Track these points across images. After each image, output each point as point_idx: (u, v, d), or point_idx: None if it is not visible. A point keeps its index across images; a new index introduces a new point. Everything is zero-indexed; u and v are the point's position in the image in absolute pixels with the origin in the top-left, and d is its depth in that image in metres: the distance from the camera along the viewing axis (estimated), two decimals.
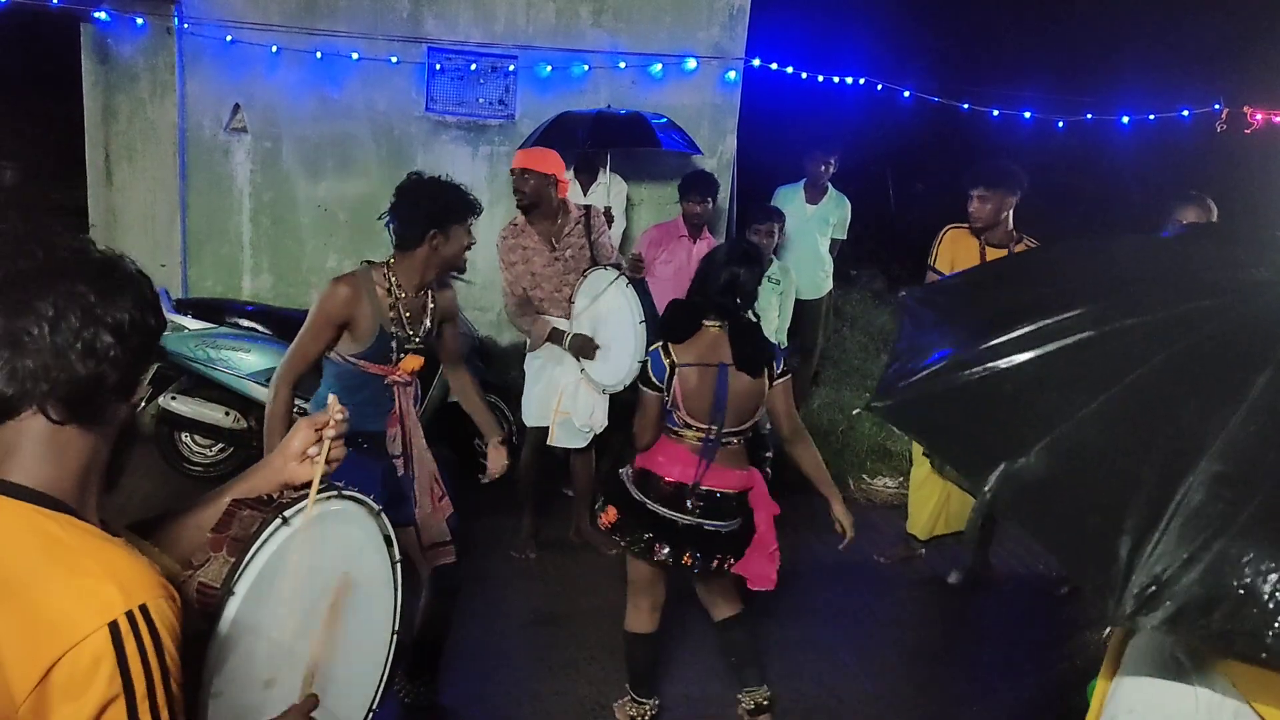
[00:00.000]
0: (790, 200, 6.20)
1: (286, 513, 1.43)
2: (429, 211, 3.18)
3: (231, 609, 1.34)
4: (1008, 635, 4.67)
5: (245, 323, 5.27)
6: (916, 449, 5.06)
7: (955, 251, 4.77)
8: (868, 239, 10.02)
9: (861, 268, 9.83)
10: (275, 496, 1.49)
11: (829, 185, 6.32)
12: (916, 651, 4.42)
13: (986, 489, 1.38)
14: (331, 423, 1.54)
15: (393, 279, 3.21)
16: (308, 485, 1.49)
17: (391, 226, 3.22)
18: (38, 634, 1.14)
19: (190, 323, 5.28)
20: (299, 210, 6.26)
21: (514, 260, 4.58)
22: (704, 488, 3.29)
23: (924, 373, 1.58)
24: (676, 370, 3.26)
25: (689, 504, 3.28)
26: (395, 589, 1.67)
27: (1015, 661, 4.41)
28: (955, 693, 4.14)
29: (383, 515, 1.62)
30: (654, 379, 3.29)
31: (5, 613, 1.15)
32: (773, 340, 5.56)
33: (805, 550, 5.33)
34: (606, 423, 4.73)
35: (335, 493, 1.53)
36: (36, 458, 1.25)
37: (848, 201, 6.42)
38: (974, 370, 1.52)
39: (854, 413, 4.40)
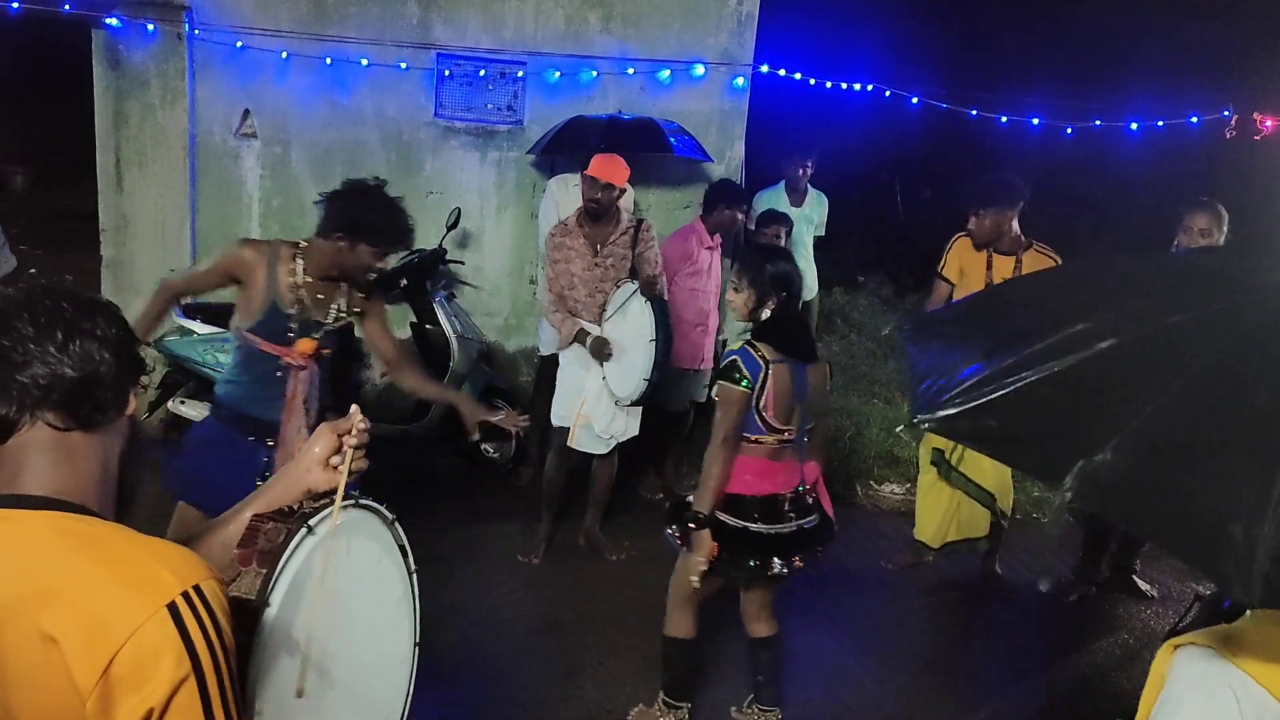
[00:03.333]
0: (774, 203, 6.19)
1: (311, 521, 1.42)
2: (348, 216, 3.18)
3: (268, 620, 1.33)
4: (1016, 643, 4.66)
5: None
6: (924, 455, 5.05)
7: (964, 260, 4.76)
8: (874, 245, 10.02)
9: (868, 273, 9.83)
10: (296, 507, 1.48)
11: (809, 186, 6.32)
12: (924, 659, 4.40)
13: (1065, 488, 1.41)
14: (354, 430, 1.54)
15: (300, 261, 3.25)
16: (328, 494, 1.49)
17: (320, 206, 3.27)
18: (94, 629, 1.13)
19: (199, 327, 5.30)
20: (308, 215, 6.26)
21: (556, 258, 4.73)
22: (793, 490, 3.32)
23: (965, 384, 1.62)
24: (771, 367, 3.20)
25: (786, 511, 3.30)
26: (413, 599, 1.66)
27: (1024, 669, 4.40)
28: (963, 701, 4.12)
29: (396, 524, 1.61)
30: (749, 376, 3.18)
31: (59, 616, 1.15)
32: None
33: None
34: (636, 432, 4.77)
35: (353, 501, 1.52)
36: (47, 468, 1.26)
37: (825, 199, 6.42)
38: (1024, 375, 1.56)
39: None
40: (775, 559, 3.27)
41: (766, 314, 3.26)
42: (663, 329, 4.35)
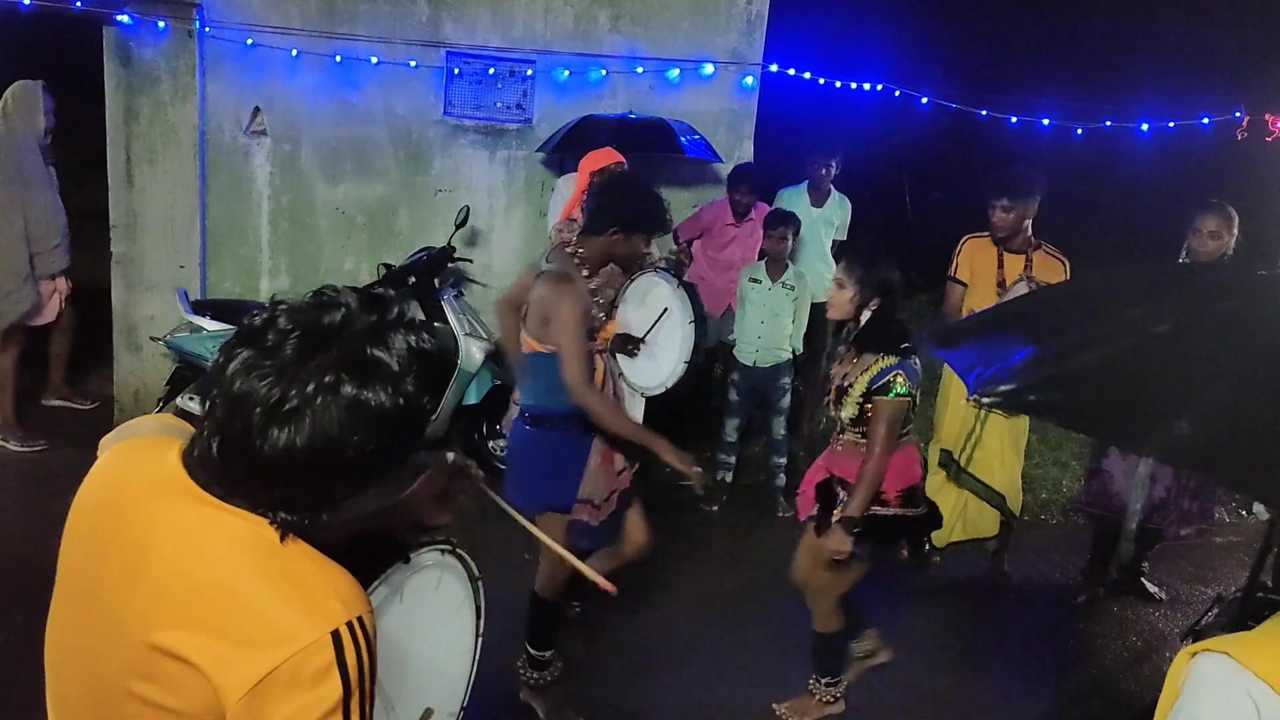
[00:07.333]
0: (795, 203, 6.18)
1: (412, 554, 1.47)
2: (625, 211, 3.39)
3: None
4: (1024, 644, 4.65)
5: None
6: (933, 457, 5.04)
7: (974, 261, 4.75)
8: (883, 245, 9.98)
9: None
10: (400, 536, 1.53)
11: (831, 188, 6.30)
12: (932, 660, 4.40)
13: (1146, 452, 1.57)
14: (469, 474, 1.60)
15: (580, 255, 3.44)
16: (434, 529, 1.56)
17: (584, 208, 3.48)
18: (258, 639, 1.18)
19: (208, 324, 5.31)
20: (317, 213, 6.29)
21: None
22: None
23: (1022, 364, 1.71)
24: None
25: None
26: (473, 661, 1.68)
27: (1031, 671, 4.39)
28: (970, 702, 4.12)
29: (480, 583, 1.66)
30: (910, 386, 3.31)
31: (225, 617, 1.19)
32: (789, 347, 5.58)
33: None
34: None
35: (450, 548, 1.57)
36: None
37: (849, 203, 6.40)
38: (1084, 354, 1.65)
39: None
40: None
41: (868, 315, 3.40)
42: (699, 310, 4.24)
